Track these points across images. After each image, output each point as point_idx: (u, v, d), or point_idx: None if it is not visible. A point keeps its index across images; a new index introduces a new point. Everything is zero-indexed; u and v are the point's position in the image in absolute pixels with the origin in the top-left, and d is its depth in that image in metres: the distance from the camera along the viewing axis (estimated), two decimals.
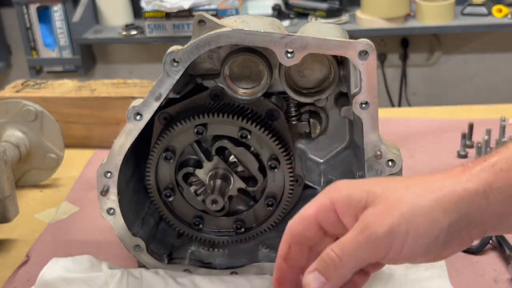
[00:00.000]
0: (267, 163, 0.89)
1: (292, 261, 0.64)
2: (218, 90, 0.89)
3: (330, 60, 0.87)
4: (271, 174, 0.89)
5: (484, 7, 2.71)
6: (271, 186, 0.90)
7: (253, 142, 0.88)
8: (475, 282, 0.88)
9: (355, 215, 0.61)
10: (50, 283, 0.88)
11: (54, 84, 1.38)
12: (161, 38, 2.80)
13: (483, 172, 0.60)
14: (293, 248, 0.64)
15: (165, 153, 0.89)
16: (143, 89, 1.32)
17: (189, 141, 0.89)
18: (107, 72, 3.26)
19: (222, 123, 0.87)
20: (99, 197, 0.87)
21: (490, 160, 0.61)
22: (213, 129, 0.88)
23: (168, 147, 0.89)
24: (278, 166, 0.88)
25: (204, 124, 0.87)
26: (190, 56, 0.80)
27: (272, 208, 0.91)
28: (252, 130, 0.86)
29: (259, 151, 0.88)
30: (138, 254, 0.90)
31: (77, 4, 2.96)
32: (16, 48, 3.28)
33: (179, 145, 0.89)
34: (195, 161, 0.92)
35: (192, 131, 0.87)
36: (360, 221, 0.60)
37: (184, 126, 0.87)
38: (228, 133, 0.88)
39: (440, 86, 3.14)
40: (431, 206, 0.59)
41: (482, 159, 0.61)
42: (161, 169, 0.91)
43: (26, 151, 1.17)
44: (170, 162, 0.90)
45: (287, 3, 2.84)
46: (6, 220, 0.99)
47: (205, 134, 0.87)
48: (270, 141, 0.87)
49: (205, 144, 0.91)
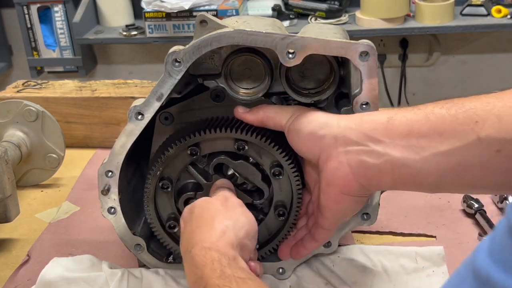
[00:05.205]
0: (270, 171, 0.85)
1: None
2: (219, 90, 0.89)
3: (331, 61, 0.87)
4: (276, 182, 0.86)
5: (483, 8, 2.71)
6: (278, 195, 0.87)
7: (251, 152, 0.85)
8: None
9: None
10: (51, 282, 0.88)
11: (55, 84, 1.39)
12: (161, 39, 2.80)
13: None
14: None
15: (161, 182, 0.86)
16: (144, 89, 1.33)
17: (184, 164, 0.86)
18: (108, 72, 3.26)
19: (215, 139, 0.84)
20: (100, 196, 0.87)
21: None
22: (207, 147, 0.85)
23: (163, 176, 0.86)
24: (283, 172, 0.85)
25: (197, 144, 0.84)
26: (192, 56, 0.81)
27: (284, 217, 0.87)
28: (248, 140, 0.84)
29: (259, 161, 0.86)
30: (138, 254, 0.90)
31: (77, 4, 2.97)
32: (17, 49, 3.28)
33: (174, 172, 0.86)
34: (193, 184, 0.88)
35: (185, 153, 0.84)
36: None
37: (175, 150, 0.84)
38: (224, 148, 0.85)
39: (439, 86, 3.15)
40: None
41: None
42: (160, 201, 0.88)
43: (27, 151, 1.17)
44: (168, 191, 0.87)
45: (287, 4, 2.84)
46: (7, 219, 0.99)
47: (200, 154, 0.85)
48: (269, 147, 0.84)
49: (201, 164, 0.87)
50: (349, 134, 0.73)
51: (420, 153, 0.68)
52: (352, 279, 0.89)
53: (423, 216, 1.03)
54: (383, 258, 0.92)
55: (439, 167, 0.67)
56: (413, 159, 0.68)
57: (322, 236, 0.82)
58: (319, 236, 0.82)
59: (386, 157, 0.70)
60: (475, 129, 0.64)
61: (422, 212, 1.04)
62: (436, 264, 0.90)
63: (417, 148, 0.68)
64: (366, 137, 0.71)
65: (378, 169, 0.70)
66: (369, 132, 0.71)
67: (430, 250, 0.92)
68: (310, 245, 0.84)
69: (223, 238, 0.73)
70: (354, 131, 0.72)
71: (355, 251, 0.93)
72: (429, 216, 1.03)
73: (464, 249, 0.94)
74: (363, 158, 0.71)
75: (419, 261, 0.91)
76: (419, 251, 0.92)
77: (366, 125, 0.72)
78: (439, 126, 0.67)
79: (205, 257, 0.70)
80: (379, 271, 0.90)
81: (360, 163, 0.71)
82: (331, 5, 2.77)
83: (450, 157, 0.66)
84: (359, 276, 0.89)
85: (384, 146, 0.70)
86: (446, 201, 1.06)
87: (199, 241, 0.73)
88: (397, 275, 0.89)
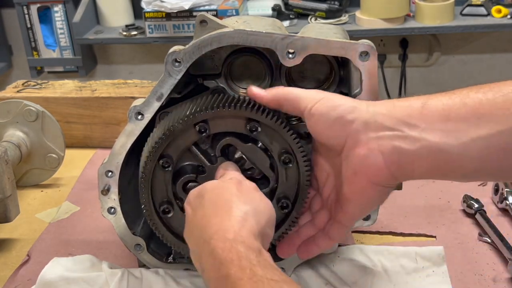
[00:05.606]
0: (280, 158, 0.80)
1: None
2: (219, 90, 0.89)
3: (331, 61, 0.87)
4: (283, 171, 0.81)
5: (483, 8, 2.71)
6: (283, 185, 0.82)
7: (262, 136, 0.79)
8: (474, 282, 0.88)
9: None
10: (51, 282, 0.88)
11: (55, 84, 1.39)
12: (161, 39, 2.81)
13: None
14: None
15: (161, 160, 0.80)
16: (144, 89, 1.33)
17: (189, 142, 0.80)
18: (108, 72, 3.27)
19: (226, 118, 0.78)
20: (100, 196, 0.87)
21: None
22: (216, 125, 0.79)
23: (163, 154, 0.80)
24: (293, 160, 0.80)
25: (205, 120, 0.79)
26: (192, 56, 0.81)
27: (287, 210, 0.82)
28: (262, 121, 0.78)
29: (269, 146, 0.80)
30: (138, 254, 0.90)
31: (77, 4, 2.97)
32: (17, 49, 3.28)
33: (176, 150, 0.80)
34: (193, 167, 0.82)
35: (192, 130, 0.79)
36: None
37: (182, 125, 0.78)
38: (234, 129, 0.79)
39: (439, 86, 3.15)
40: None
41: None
42: (156, 181, 0.82)
43: (27, 151, 1.17)
44: (167, 171, 0.81)
45: (287, 4, 2.84)
46: (7, 219, 0.99)
47: (208, 132, 0.79)
48: (283, 131, 0.78)
49: (204, 146, 0.82)
50: (381, 119, 0.69)
51: (459, 138, 0.65)
52: (352, 279, 0.89)
53: (423, 216, 1.03)
54: (383, 258, 0.92)
55: (480, 152, 0.64)
56: (451, 144, 0.65)
57: (338, 233, 0.77)
58: (335, 233, 0.77)
59: (423, 142, 0.66)
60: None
61: (422, 212, 1.04)
62: (436, 264, 0.90)
63: (456, 133, 0.65)
64: (400, 122, 0.68)
65: (414, 155, 0.67)
66: (404, 118, 0.68)
67: (430, 250, 0.92)
68: (324, 243, 0.79)
69: (245, 226, 0.66)
70: (386, 117, 0.68)
71: (355, 251, 0.93)
72: (429, 216, 1.03)
73: (464, 249, 0.94)
74: (397, 143, 0.67)
75: (419, 261, 0.91)
76: (419, 251, 0.92)
77: (399, 110, 0.68)
78: (477, 111, 0.64)
79: (230, 251, 0.63)
80: (379, 271, 0.90)
81: (393, 150, 0.67)
82: (331, 5, 2.77)
83: (491, 141, 0.63)
84: (359, 276, 0.89)
85: (420, 131, 0.66)
86: (446, 201, 1.06)
87: (219, 231, 0.66)
88: (397, 275, 0.89)
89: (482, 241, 0.96)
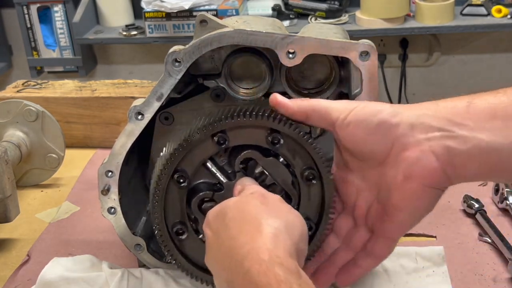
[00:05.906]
0: (302, 175, 0.74)
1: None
2: (219, 90, 0.89)
3: (331, 61, 0.87)
4: (305, 188, 0.75)
5: (483, 8, 2.72)
6: (305, 205, 0.76)
7: (284, 150, 0.74)
8: (474, 282, 0.88)
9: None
10: (51, 282, 0.88)
11: (55, 84, 1.39)
12: (161, 39, 2.81)
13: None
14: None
15: (176, 174, 0.74)
16: (144, 89, 1.33)
17: (205, 155, 0.74)
18: (108, 72, 3.27)
19: (246, 128, 0.73)
20: (100, 196, 0.87)
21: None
22: (235, 137, 0.74)
23: (177, 168, 0.74)
24: (316, 177, 0.74)
25: (223, 131, 0.73)
26: (192, 56, 0.81)
27: (311, 232, 0.75)
28: (286, 133, 0.72)
29: (291, 162, 0.74)
30: (138, 254, 0.90)
31: (77, 4, 2.97)
32: (17, 49, 3.29)
33: (191, 164, 0.74)
34: (208, 185, 0.76)
35: (210, 142, 0.73)
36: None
37: (200, 135, 0.73)
38: (255, 141, 0.74)
39: (439, 86, 3.15)
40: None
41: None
42: (170, 199, 0.76)
43: (27, 151, 1.17)
44: (182, 187, 0.75)
45: (287, 4, 2.85)
46: (7, 219, 0.99)
47: (228, 144, 0.73)
48: (307, 144, 0.73)
49: (220, 161, 0.76)
50: (428, 120, 0.66)
51: (509, 136, 0.63)
52: None
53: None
54: None
55: None
56: (501, 142, 0.63)
57: (385, 249, 0.72)
58: (382, 249, 0.72)
59: (474, 141, 0.64)
60: None
61: None
62: (436, 264, 0.90)
63: (504, 131, 0.63)
64: (449, 122, 0.65)
65: (465, 154, 0.64)
66: (451, 117, 0.65)
67: (430, 250, 0.92)
68: (367, 263, 0.73)
69: (279, 245, 0.60)
70: (433, 117, 0.66)
71: None
72: (429, 216, 1.02)
73: (464, 249, 0.94)
74: (448, 144, 0.65)
75: (419, 261, 0.91)
76: (419, 251, 0.92)
77: (445, 111, 0.66)
78: None
79: (266, 275, 0.57)
80: (379, 271, 0.90)
81: (445, 150, 0.65)
82: (331, 5, 2.78)
83: None
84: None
85: (469, 130, 0.64)
86: (446, 201, 1.06)
87: (251, 250, 0.60)
88: (397, 275, 0.89)
89: (482, 241, 0.96)
